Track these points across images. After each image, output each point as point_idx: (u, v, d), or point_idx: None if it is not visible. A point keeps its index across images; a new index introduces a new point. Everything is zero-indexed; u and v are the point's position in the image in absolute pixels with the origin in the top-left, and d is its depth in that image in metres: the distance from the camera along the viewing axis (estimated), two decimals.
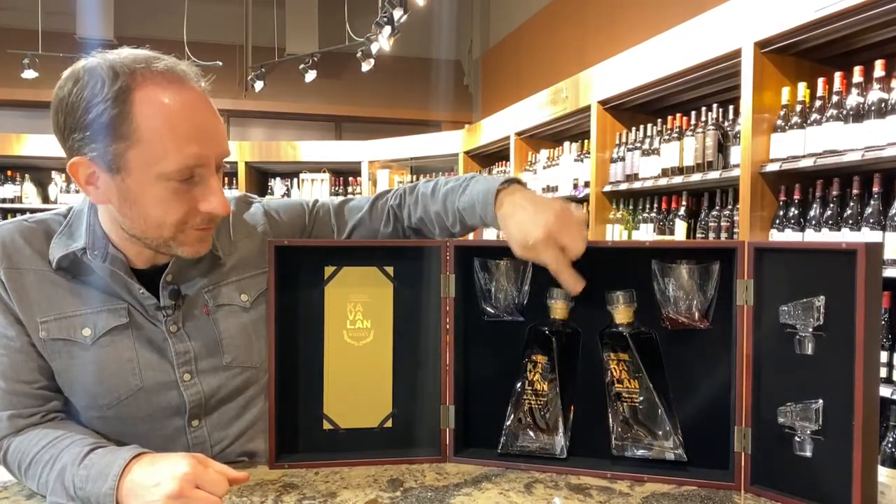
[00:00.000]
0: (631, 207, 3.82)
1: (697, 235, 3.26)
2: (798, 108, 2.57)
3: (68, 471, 0.99)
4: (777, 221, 2.68)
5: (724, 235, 3.02)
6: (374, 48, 5.97)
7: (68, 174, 1.05)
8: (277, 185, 7.36)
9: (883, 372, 2.21)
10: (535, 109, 4.75)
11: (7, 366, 1.09)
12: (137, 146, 0.99)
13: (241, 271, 1.22)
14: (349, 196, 1.34)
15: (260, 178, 7.41)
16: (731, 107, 3.02)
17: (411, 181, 6.71)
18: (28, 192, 6.86)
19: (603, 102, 3.87)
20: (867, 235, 2.31)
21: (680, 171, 3.25)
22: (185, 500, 0.91)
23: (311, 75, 7.04)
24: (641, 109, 3.87)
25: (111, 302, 1.12)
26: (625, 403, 1.15)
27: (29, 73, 6.82)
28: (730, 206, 3.03)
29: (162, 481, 0.92)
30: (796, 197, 2.62)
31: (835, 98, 2.44)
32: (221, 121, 1.08)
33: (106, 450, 1.01)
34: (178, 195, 1.03)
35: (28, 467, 1.05)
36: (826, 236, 2.48)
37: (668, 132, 3.39)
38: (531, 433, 1.17)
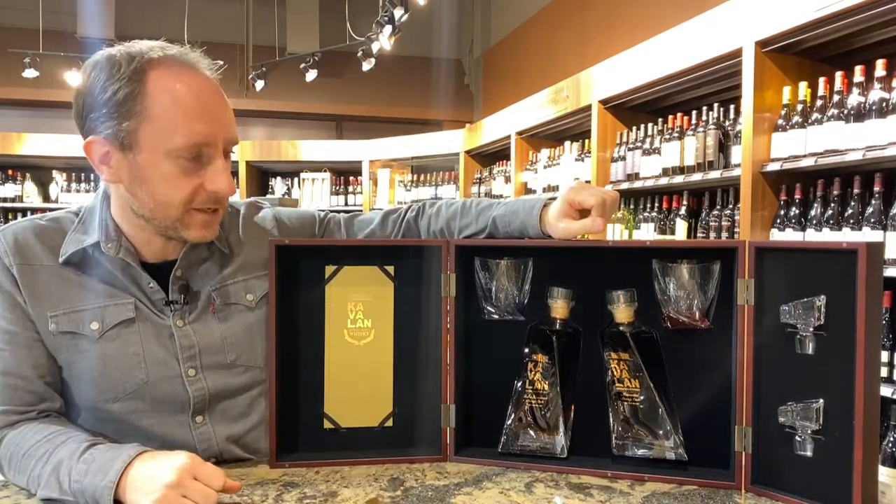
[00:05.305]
0: (632, 207, 3.82)
1: (698, 235, 3.25)
2: (799, 107, 2.57)
3: (65, 464, 0.99)
4: (778, 221, 2.68)
5: (724, 235, 3.02)
6: (374, 47, 5.97)
7: (84, 153, 1.09)
8: (278, 184, 7.35)
9: (883, 371, 2.21)
10: (535, 109, 4.75)
11: (9, 361, 1.10)
12: (148, 123, 1.04)
13: (249, 271, 1.23)
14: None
15: (261, 177, 7.41)
16: (731, 106, 3.01)
17: (412, 180, 6.75)
18: (29, 192, 6.85)
19: (604, 102, 3.86)
20: (868, 235, 2.31)
21: (681, 170, 3.25)
22: (183, 490, 0.92)
23: (311, 74, 7.04)
24: (642, 109, 3.87)
25: (119, 296, 1.14)
26: (625, 403, 1.15)
27: (30, 73, 6.81)
28: (731, 206, 3.03)
29: (161, 473, 0.94)
30: (797, 196, 2.62)
31: (836, 97, 2.44)
32: (230, 108, 1.13)
33: (107, 446, 1.02)
34: (186, 173, 1.07)
35: (21, 461, 1.05)
36: (827, 236, 2.47)
37: (669, 132, 3.39)
38: (532, 432, 1.17)
